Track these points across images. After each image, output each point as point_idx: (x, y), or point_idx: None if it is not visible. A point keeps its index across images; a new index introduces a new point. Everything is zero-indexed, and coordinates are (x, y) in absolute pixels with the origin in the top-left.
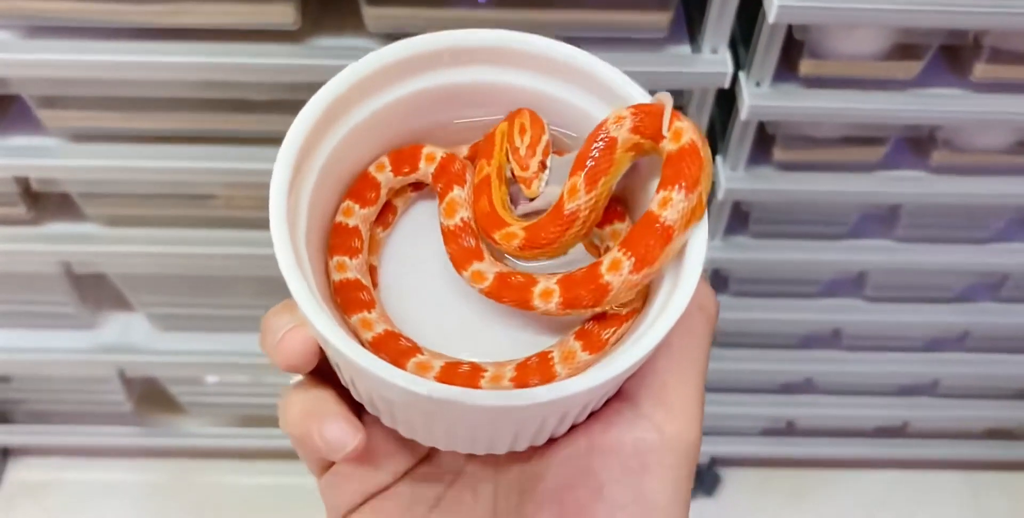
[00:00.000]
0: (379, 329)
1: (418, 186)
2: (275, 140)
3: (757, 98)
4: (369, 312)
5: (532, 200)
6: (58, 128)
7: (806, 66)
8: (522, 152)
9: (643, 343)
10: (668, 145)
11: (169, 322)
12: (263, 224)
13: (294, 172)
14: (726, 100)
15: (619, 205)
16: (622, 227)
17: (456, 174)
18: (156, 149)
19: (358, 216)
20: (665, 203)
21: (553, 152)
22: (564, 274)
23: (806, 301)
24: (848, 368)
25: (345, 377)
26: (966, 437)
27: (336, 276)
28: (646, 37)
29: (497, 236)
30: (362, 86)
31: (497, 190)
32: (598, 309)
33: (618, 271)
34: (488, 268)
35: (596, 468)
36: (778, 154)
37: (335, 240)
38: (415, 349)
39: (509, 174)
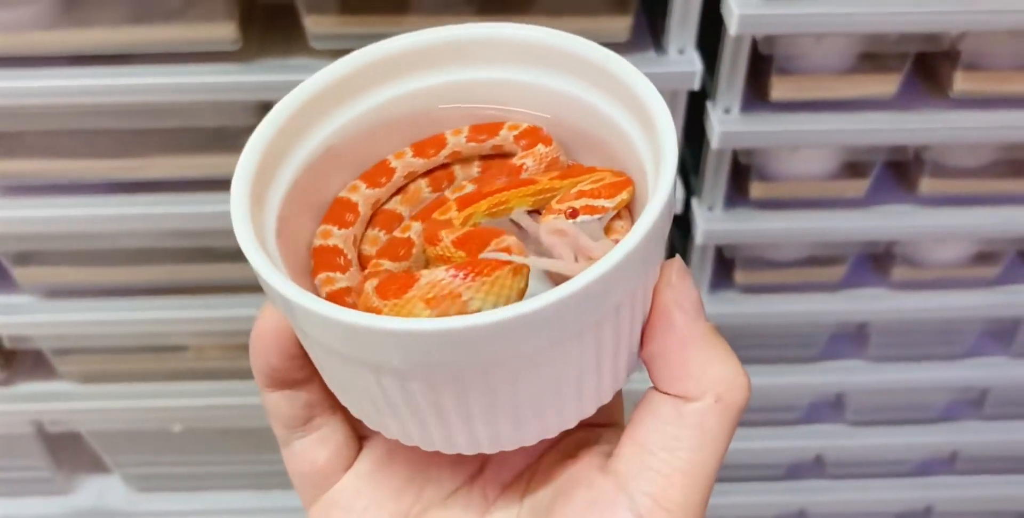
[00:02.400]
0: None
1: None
2: (244, 288)
3: (711, 223)
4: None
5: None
6: (31, 284)
7: (756, 189)
8: (572, 191)
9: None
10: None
11: (146, 482)
12: (236, 374)
13: (256, 178)
14: (682, 225)
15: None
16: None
17: (545, 137)
18: (128, 302)
19: (337, 237)
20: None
21: (605, 218)
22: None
23: (787, 428)
24: (838, 497)
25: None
26: None
27: (326, 289)
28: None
29: (448, 205)
30: (348, 83)
31: (520, 195)
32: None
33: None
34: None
35: None
36: (739, 277)
37: (319, 258)
38: None
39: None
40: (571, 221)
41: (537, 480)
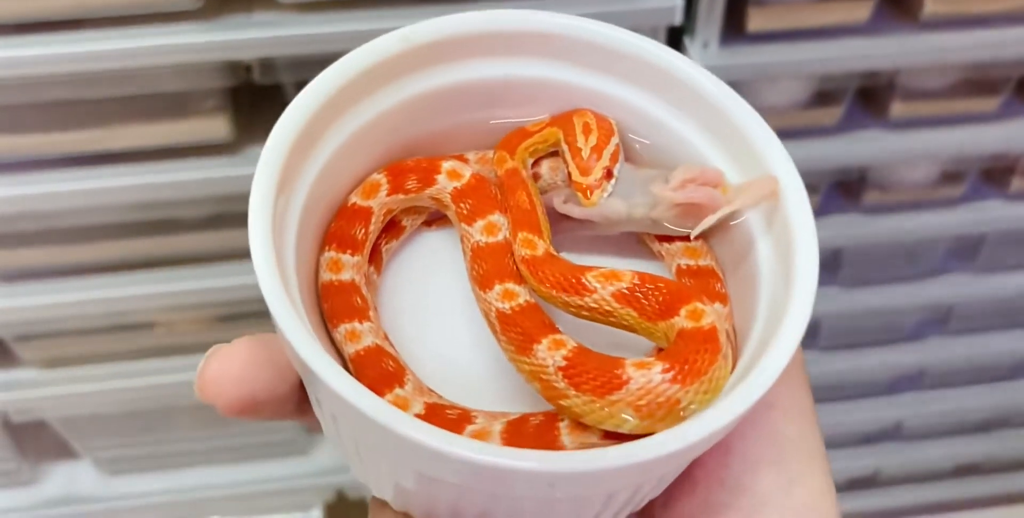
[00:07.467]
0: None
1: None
2: (212, 259)
3: None
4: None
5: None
6: None
7: None
8: (584, 154)
9: (721, 411)
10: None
11: (118, 465)
12: (210, 347)
13: (281, 176)
14: None
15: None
16: (701, 264)
17: (492, 198)
18: (91, 281)
19: (348, 266)
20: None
21: (625, 161)
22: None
23: None
24: None
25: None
26: (937, 478)
27: (350, 348)
28: None
29: (522, 237)
30: (375, 75)
31: (533, 186)
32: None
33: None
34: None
35: None
36: None
37: (332, 299)
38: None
39: (564, 177)
40: (612, 181)
41: None
